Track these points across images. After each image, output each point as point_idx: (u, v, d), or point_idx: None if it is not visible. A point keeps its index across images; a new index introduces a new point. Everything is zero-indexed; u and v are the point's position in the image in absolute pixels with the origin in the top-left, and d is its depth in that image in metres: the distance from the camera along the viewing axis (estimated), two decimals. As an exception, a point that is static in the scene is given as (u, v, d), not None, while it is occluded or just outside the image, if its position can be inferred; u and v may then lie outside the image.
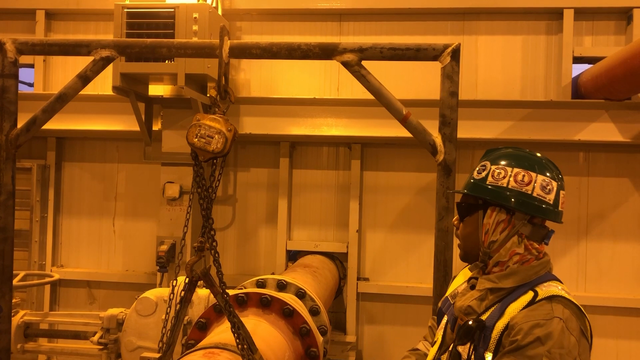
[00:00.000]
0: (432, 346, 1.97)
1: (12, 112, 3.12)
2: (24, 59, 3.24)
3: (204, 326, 3.45)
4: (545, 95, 5.53)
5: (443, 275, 2.91)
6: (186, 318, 3.71)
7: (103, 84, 5.47)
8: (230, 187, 5.93)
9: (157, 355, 2.06)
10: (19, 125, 3.13)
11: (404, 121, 2.93)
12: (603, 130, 5.10)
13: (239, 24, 5.87)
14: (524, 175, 1.79)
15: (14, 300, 3.63)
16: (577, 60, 5.49)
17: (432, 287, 3.16)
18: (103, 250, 6.12)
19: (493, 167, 1.84)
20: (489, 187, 1.82)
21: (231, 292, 3.09)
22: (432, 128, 3.00)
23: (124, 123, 5.56)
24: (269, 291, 3.35)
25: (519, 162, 1.83)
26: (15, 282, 4.38)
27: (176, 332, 2.56)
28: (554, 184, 1.83)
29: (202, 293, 3.83)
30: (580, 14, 5.42)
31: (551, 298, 1.71)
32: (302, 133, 5.43)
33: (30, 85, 6.46)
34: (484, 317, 1.73)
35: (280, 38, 5.73)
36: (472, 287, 1.88)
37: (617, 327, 5.44)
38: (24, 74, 4.99)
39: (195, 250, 2.57)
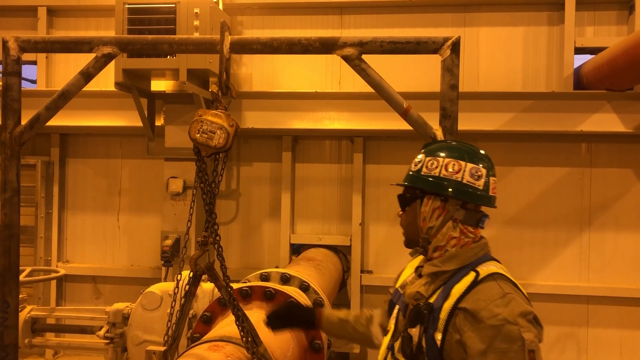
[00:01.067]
0: (385, 335, 2.08)
1: (15, 110, 3.13)
2: (27, 56, 3.25)
3: (208, 320, 3.48)
4: (547, 86, 5.53)
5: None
6: (191, 312, 3.74)
7: (106, 80, 5.49)
8: (233, 181, 5.96)
9: (163, 348, 2.08)
10: (23, 122, 3.14)
11: (405, 114, 2.94)
12: (605, 121, 5.10)
13: (240, 18, 5.88)
14: (453, 164, 1.94)
15: (20, 296, 3.67)
16: (579, 50, 5.48)
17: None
18: (108, 245, 6.17)
19: (427, 159, 1.99)
20: (424, 177, 1.97)
21: (235, 285, 3.11)
22: (433, 121, 3.01)
23: (127, 119, 5.59)
24: (273, 284, 3.38)
25: (449, 152, 1.98)
26: (21, 277, 4.42)
27: (181, 326, 2.59)
28: (483, 171, 1.97)
29: (207, 287, 3.86)
30: (582, 4, 5.40)
31: (493, 276, 1.83)
32: (304, 127, 5.44)
33: (33, 82, 6.48)
34: (431, 300, 1.85)
35: (282, 32, 5.74)
36: (420, 276, 2.01)
37: (620, 317, 5.45)
38: (26, 70, 5.00)
39: (199, 245, 2.59)
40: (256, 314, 3.03)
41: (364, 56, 2.97)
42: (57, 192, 6.13)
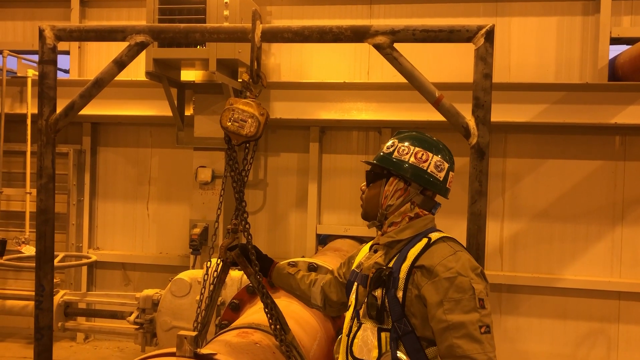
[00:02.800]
0: (347, 310, 2.22)
1: (51, 98, 3.18)
2: (60, 46, 3.30)
3: (236, 307, 3.52)
4: (581, 77, 5.41)
5: (475, 258, 2.88)
6: (219, 299, 3.78)
7: (136, 70, 5.57)
8: (261, 171, 5.99)
9: (195, 333, 2.10)
10: (58, 110, 3.20)
11: (437, 104, 2.90)
12: (641, 113, 4.98)
13: (269, 8, 5.88)
14: (422, 154, 2.13)
15: (54, 280, 3.75)
16: (615, 41, 5.35)
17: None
18: (137, 233, 6.27)
19: (399, 145, 2.17)
20: (394, 160, 2.14)
21: (263, 273, 3.12)
22: (465, 111, 2.97)
23: (157, 108, 5.65)
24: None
25: (420, 143, 2.16)
26: (55, 262, 4.52)
27: (210, 313, 2.61)
28: (446, 165, 2.15)
29: (235, 275, 3.90)
30: (619, -7, 5.27)
31: (443, 238, 2.03)
32: (331, 117, 5.43)
33: (66, 71, 6.61)
34: (390, 265, 2.04)
35: (311, 22, 5.73)
36: (375, 252, 2.19)
37: (653, 314, 5.35)
38: (58, 60, 5.09)
39: (228, 233, 2.60)
40: (284, 302, 3.05)
41: (395, 45, 2.94)
42: (89, 180, 6.26)
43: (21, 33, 6.44)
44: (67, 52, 6.26)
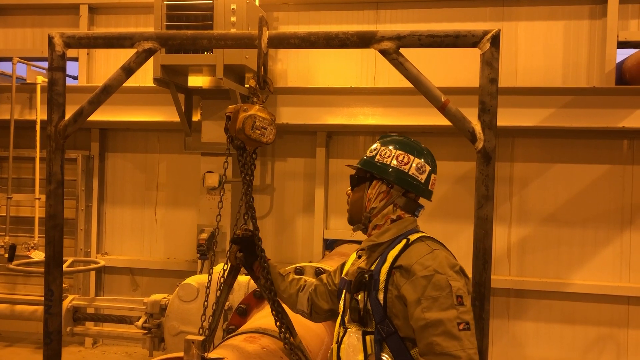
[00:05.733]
0: (336, 317, 2.24)
1: (60, 104, 3.21)
2: (69, 53, 3.34)
3: (244, 312, 3.53)
4: (588, 81, 5.40)
5: (482, 263, 2.88)
6: (226, 304, 3.79)
7: (144, 76, 5.61)
8: (267, 176, 6.00)
9: (202, 337, 2.11)
10: (67, 116, 3.23)
11: (443, 108, 2.90)
12: (649, 117, 4.95)
13: (276, 14, 5.91)
14: (404, 157, 2.16)
15: (63, 285, 3.77)
16: (622, 45, 5.34)
17: (470, 276, 3.13)
18: (145, 238, 6.30)
19: (382, 148, 2.21)
20: (376, 163, 2.18)
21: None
22: (471, 116, 2.97)
23: (165, 114, 5.69)
24: (308, 278, 3.39)
25: (402, 146, 2.19)
26: (64, 267, 4.56)
27: (217, 317, 2.62)
28: (427, 167, 2.19)
29: (242, 279, 3.91)
30: (626, -4, 5.26)
31: (421, 238, 2.08)
32: (338, 123, 5.45)
33: (75, 78, 6.67)
34: (372, 268, 2.07)
35: (317, 28, 5.75)
36: (359, 257, 2.23)
37: (662, 319, 5.30)
38: (67, 67, 5.13)
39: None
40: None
41: (401, 50, 2.95)
42: (97, 185, 6.30)
43: (30, 40, 6.50)
44: (75, 59, 6.31)
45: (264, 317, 3.02)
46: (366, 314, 2.00)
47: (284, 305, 2.54)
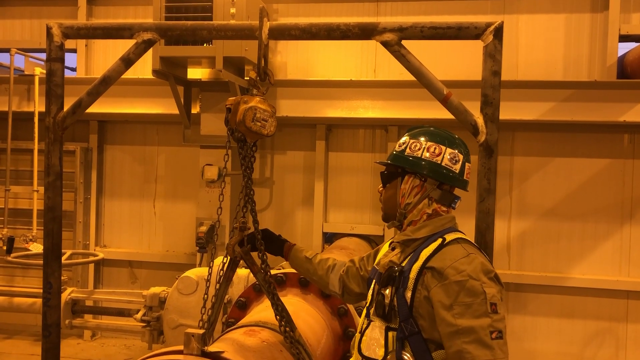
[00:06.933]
0: (365, 307, 2.19)
1: (58, 95, 3.19)
2: (67, 44, 3.31)
3: (243, 305, 3.51)
4: (589, 75, 5.37)
5: (483, 257, 2.88)
6: (226, 297, 3.78)
7: (143, 68, 5.57)
8: (267, 169, 5.98)
9: (202, 331, 2.10)
10: (65, 108, 3.20)
11: (445, 101, 2.88)
12: (650, 111, 4.94)
13: (276, 6, 5.87)
14: (435, 148, 2.09)
15: (61, 278, 3.76)
16: (624, 38, 5.31)
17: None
18: (144, 231, 6.28)
19: (411, 141, 2.14)
20: (407, 157, 2.11)
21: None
22: (473, 109, 2.95)
23: (164, 106, 5.66)
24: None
25: (432, 137, 2.12)
26: (62, 260, 4.54)
27: (217, 311, 2.60)
28: (460, 156, 2.11)
29: (242, 273, 3.90)
30: (628, -10, 5.23)
31: (457, 240, 1.99)
32: (338, 115, 5.42)
33: (73, 69, 6.63)
34: (404, 264, 2.01)
35: (317, 20, 5.69)
36: (393, 249, 2.17)
37: (661, 313, 5.31)
38: (66, 58, 5.09)
39: (238, 230, 2.59)
40: (291, 300, 3.04)
41: (403, 42, 2.93)
42: (96, 178, 6.27)
43: (29, 31, 6.46)
44: (74, 50, 6.27)
45: (263, 310, 3.00)
46: (391, 310, 1.95)
47: (284, 299, 2.53)
